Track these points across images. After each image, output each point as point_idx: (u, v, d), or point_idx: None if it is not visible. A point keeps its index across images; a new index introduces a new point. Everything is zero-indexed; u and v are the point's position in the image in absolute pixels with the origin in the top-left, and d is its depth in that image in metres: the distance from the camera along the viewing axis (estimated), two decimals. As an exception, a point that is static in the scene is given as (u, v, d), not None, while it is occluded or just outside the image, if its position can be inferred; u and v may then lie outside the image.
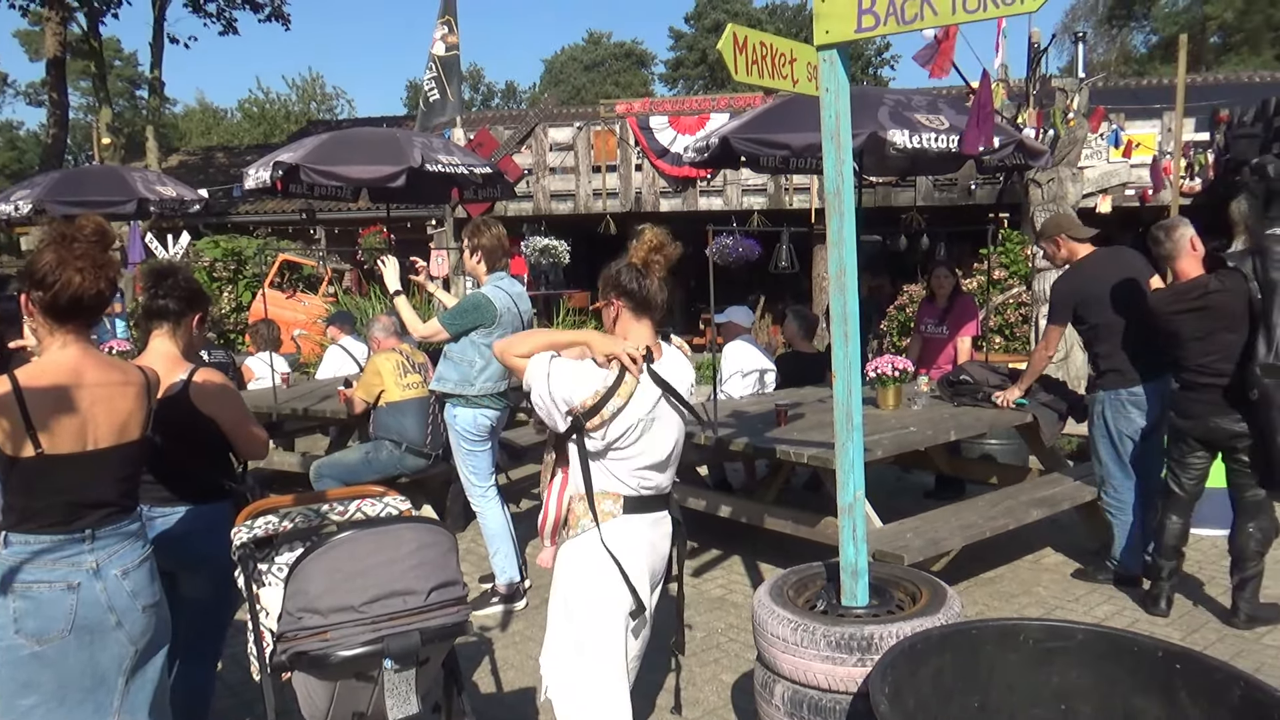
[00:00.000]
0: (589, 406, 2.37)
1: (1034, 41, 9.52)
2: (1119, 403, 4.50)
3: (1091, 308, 4.54)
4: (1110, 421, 4.53)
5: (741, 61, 2.65)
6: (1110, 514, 4.63)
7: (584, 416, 2.38)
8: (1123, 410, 4.49)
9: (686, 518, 5.32)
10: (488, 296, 4.39)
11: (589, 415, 2.37)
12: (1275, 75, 20.28)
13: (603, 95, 34.56)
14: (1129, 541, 4.57)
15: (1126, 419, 4.49)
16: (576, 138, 13.86)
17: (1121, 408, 4.49)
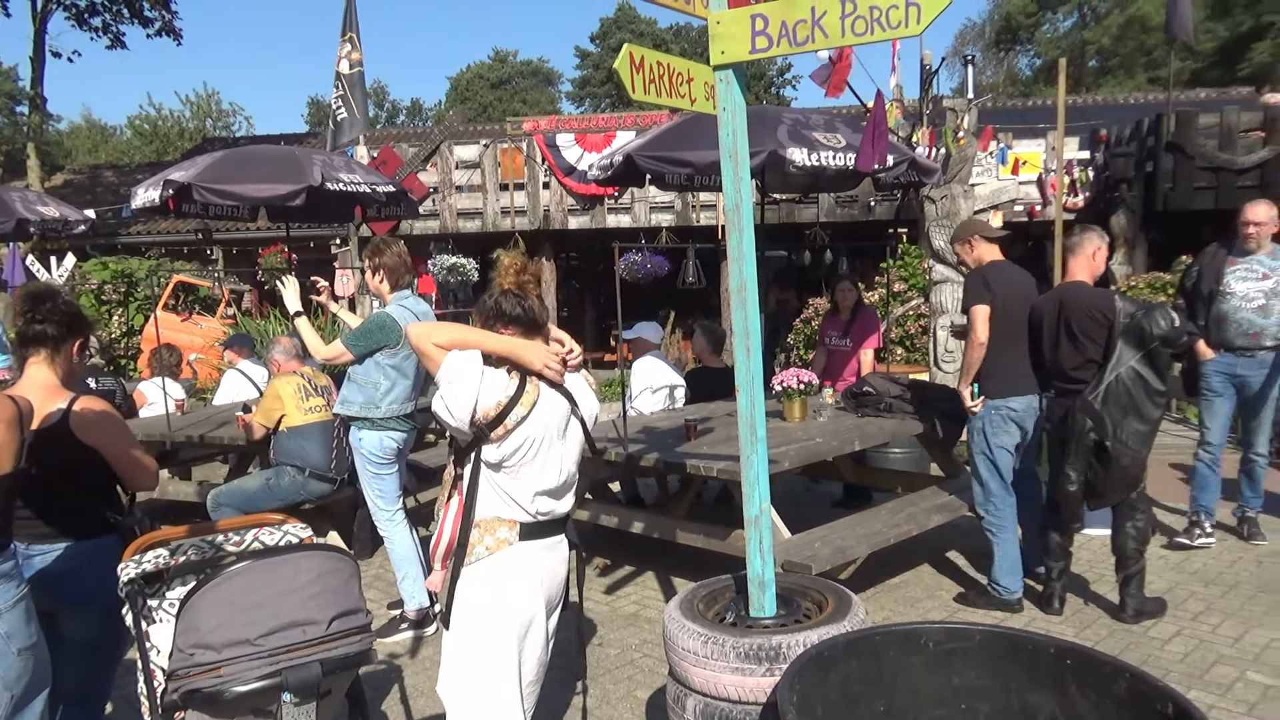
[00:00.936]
0: (492, 417, 2.34)
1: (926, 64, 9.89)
2: (998, 416, 4.47)
3: (996, 315, 4.48)
4: (989, 436, 4.50)
5: (639, 81, 2.68)
6: (991, 533, 4.56)
7: (488, 427, 2.35)
8: (1001, 424, 4.47)
9: (599, 534, 5.38)
10: (392, 316, 4.31)
11: (493, 425, 2.35)
12: (1149, 97, 21.51)
13: (510, 113, 34.46)
14: (1008, 562, 4.51)
15: (1004, 432, 4.47)
16: (483, 155, 13.76)
17: (1001, 422, 4.47)
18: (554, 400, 2.49)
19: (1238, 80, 26.86)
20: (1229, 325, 5.11)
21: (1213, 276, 5.16)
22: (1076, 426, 4.23)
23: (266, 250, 15.63)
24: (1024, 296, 4.52)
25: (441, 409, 2.34)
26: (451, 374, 2.35)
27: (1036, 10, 37.48)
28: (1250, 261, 5.09)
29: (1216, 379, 5.21)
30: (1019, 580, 4.52)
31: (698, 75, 2.97)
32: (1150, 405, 4.13)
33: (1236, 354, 5.13)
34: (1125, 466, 4.15)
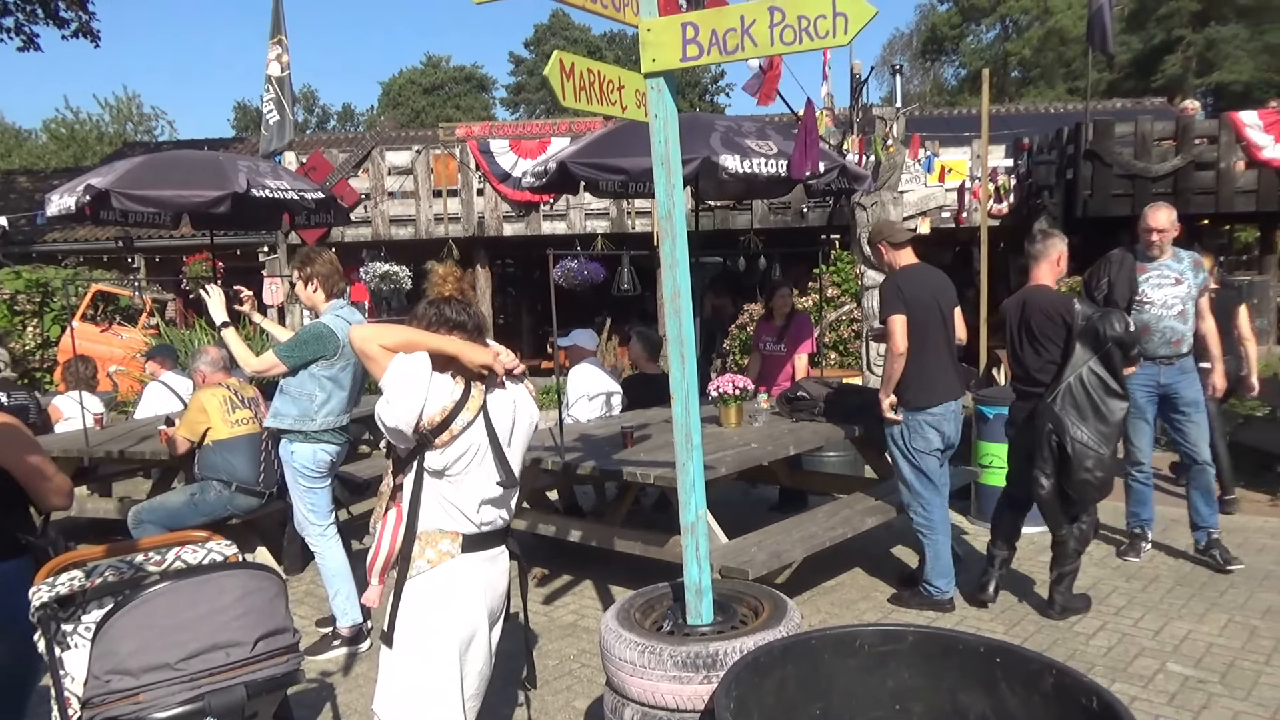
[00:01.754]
0: (436, 423, 2.31)
1: (855, 73, 10.08)
2: (915, 423, 4.47)
3: (911, 316, 4.47)
4: (907, 441, 4.51)
5: (569, 88, 2.66)
6: (921, 534, 4.58)
7: (432, 433, 2.31)
8: (919, 431, 4.47)
9: (537, 543, 5.33)
10: (328, 326, 4.21)
11: (437, 431, 2.31)
12: (1068, 106, 22.23)
13: (443, 119, 34.08)
14: (940, 563, 4.54)
15: (923, 439, 4.48)
16: (416, 161, 13.59)
17: (919, 428, 4.47)
18: (499, 406, 2.46)
19: (1151, 91, 27.92)
20: (1152, 335, 4.94)
21: (1127, 286, 4.98)
22: (1040, 429, 4.29)
23: (191, 258, 15.22)
24: (934, 300, 4.48)
25: (386, 413, 2.29)
26: (398, 377, 2.30)
27: (961, 22, 38.51)
28: (1160, 267, 4.98)
29: (1141, 393, 4.98)
30: (950, 581, 4.57)
31: (629, 83, 2.97)
32: (1110, 406, 4.19)
33: (1158, 363, 4.97)
34: (1089, 469, 4.16)
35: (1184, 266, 4.99)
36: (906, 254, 4.63)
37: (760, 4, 2.68)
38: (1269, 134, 12.05)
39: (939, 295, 4.51)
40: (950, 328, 4.56)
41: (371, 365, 2.36)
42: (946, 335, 4.52)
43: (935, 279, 4.59)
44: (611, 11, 2.85)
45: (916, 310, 4.42)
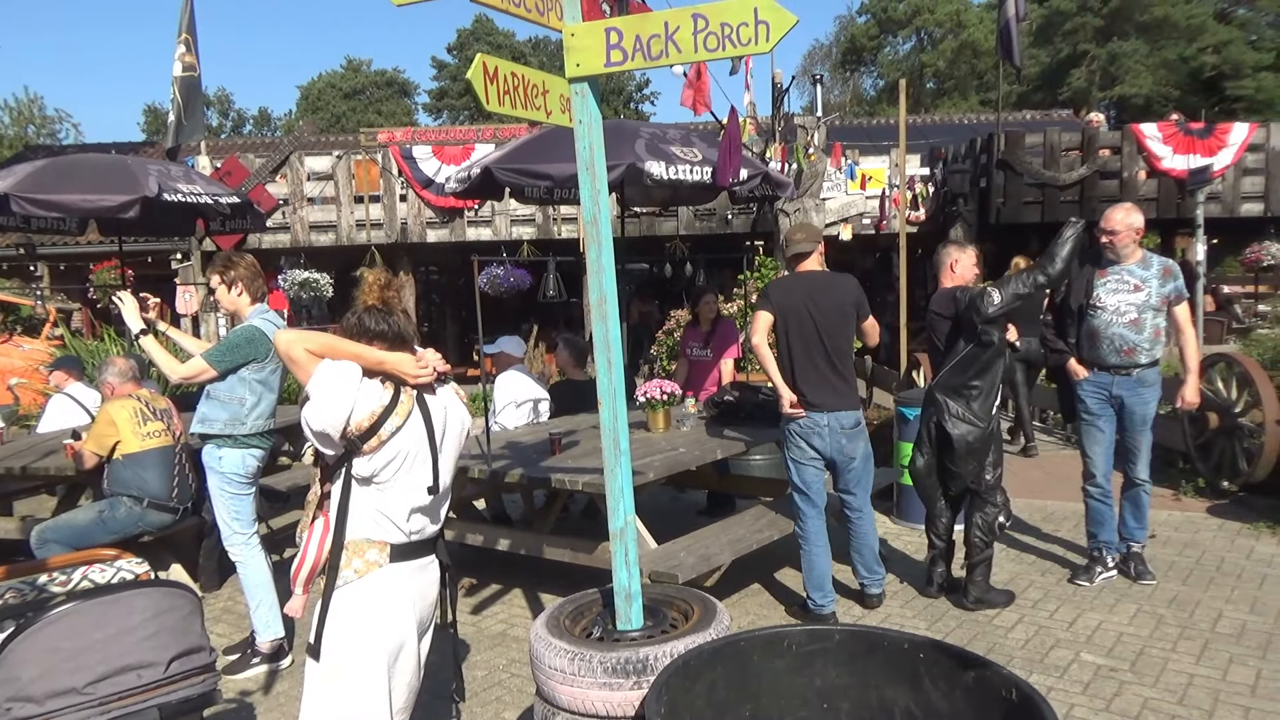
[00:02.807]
0: (365, 428, 2.26)
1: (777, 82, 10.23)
2: (789, 431, 4.41)
3: (781, 321, 4.40)
4: (785, 450, 4.47)
5: (493, 92, 2.64)
6: (800, 545, 4.50)
7: (360, 439, 2.26)
8: (790, 439, 4.41)
9: (465, 553, 5.26)
10: (259, 329, 4.17)
11: (366, 436, 2.26)
12: (981, 117, 22.95)
13: (364, 124, 33.51)
14: (813, 576, 4.43)
15: (796, 448, 4.41)
16: (336, 167, 13.32)
17: (790, 436, 4.41)
18: (429, 411, 2.43)
19: (1059, 103, 29.04)
20: (1101, 342, 4.68)
21: (1082, 289, 4.72)
22: (924, 415, 4.55)
23: (99, 266, 14.64)
24: (806, 310, 4.32)
25: (313, 418, 2.24)
26: (325, 381, 2.25)
27: (879, 34, 39.47)
28: (1120, 272, 4.65)
29: (1093, 400, 4.76)
30: (826, 594, 4.43)
31: (553, 88, 2.96)
32: (990, 382, 4.41)
33: (1111, 372, 4.69)
34: (970, 444, 4.40)
35: (1149, 274, 4.63)
36: (810, 262, 4.50)
37: (684, 11, 2.70)
38: (1168, 145, 12.65)
39: (815, 305, 4.33)
40: (828, 340, 4.33)
41: (297, 370, 2.32)
42: (823, 347, 4.32)
43: (818, 293, 4.37)
44: (535, 16, 2.84)
45: (787, 317, 4.35)
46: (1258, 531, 5.63)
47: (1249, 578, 4.86)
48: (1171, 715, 3.44)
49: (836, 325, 4.37)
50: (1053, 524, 5.97)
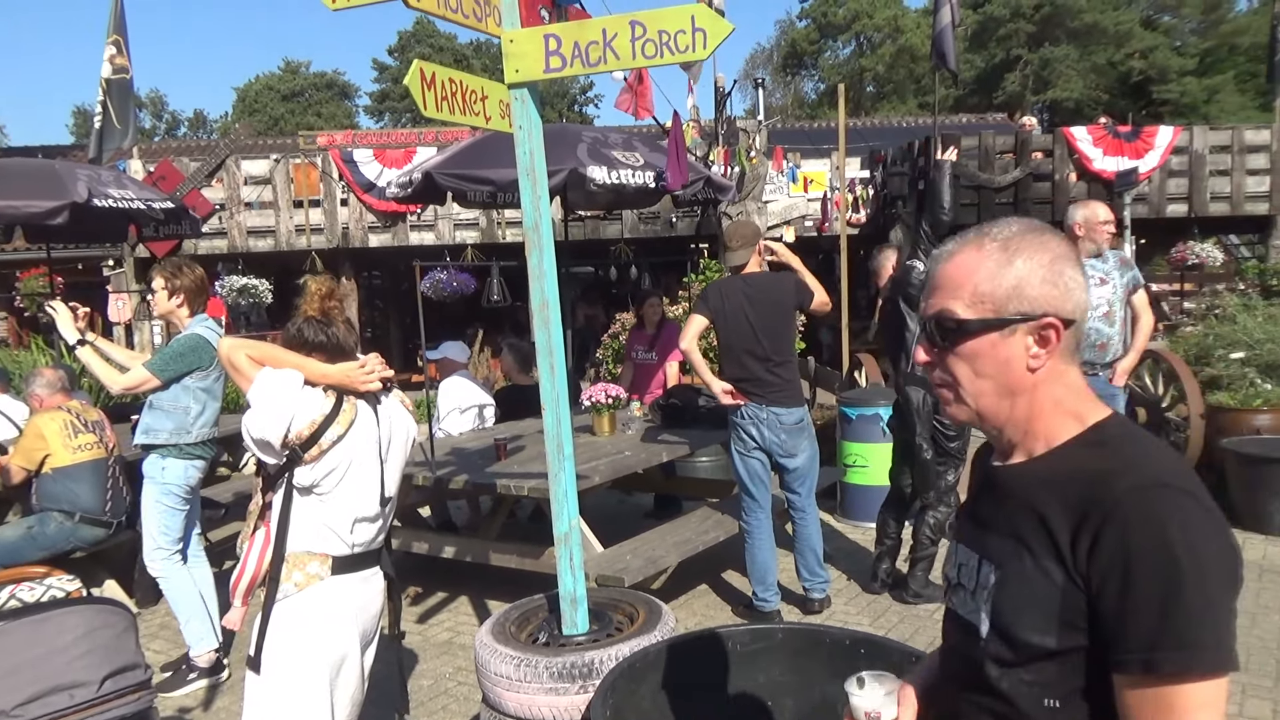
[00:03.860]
0: (305, 437, 2.24)
1: (719, 86, 10.31)
2: (733, 424, 4.45)
3: (720, 318, 4.44)
4: (732, 444, 4.49)
5: (430, 98, 2.63)
6: (745, 540, 4.54)
7: (301, 448, 2.24)
8: (735, 432, 4.45)
9: (410, 561, 5.22)
10: (203, 337, 4.10)
11: (307, 445, 2.24)
12: (919, 120, 23.38)
13: (303, 126, 33.00)
14: (756, 571, 4.48)
15: (740, 440, 4.44)
16: (274, 171, 13.08)
17: (734, 429, 4.45)
18: (373, 420, 2.41)
19: (993, 107, 29.72)
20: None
21: None
22: (911, 401, 4.52)
23: (26, 273, 14.18)
24: (741, 310, 4.39)
25: (253, 426, 2.21)
26: (265, 389, 2.23)
27: (819, 38, 39.98)
28: (1085, 267, 4.89)
29: None
30: (769, 589, 4.47)
31: (492, 93, 2.96)
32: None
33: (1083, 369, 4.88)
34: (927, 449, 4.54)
35: (1109, 266, 4.72)
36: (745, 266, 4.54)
37: (622, 18, 2.73)
38: (1098, 147, 13.02)
39: (752, 306, 4.39)
40: (766, 340, 4.38)
41: (238, 377, 2.30)
42: (761, 347, 4.37)
43: (757, 291, 4.44)
44: (473, 21, 2.84)
45: (724, 319, 4.40)
46: (1184, 522, 5.82)
47: (1176, 567, 5.03)
48: (1103, 702, 3.55)
49: (775, 325, 4.42)
50: (991, 519, 6.12)
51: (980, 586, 1.23)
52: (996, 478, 1.29)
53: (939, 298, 1.26)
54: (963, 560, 1.31)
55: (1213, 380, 6.50)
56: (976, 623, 1.22)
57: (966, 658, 1.24)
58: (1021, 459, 1.26)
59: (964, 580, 1.29)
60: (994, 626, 1.19)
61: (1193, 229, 13.47)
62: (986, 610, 1.21)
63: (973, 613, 1.24)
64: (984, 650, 1.20)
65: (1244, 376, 6.37)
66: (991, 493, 1.30)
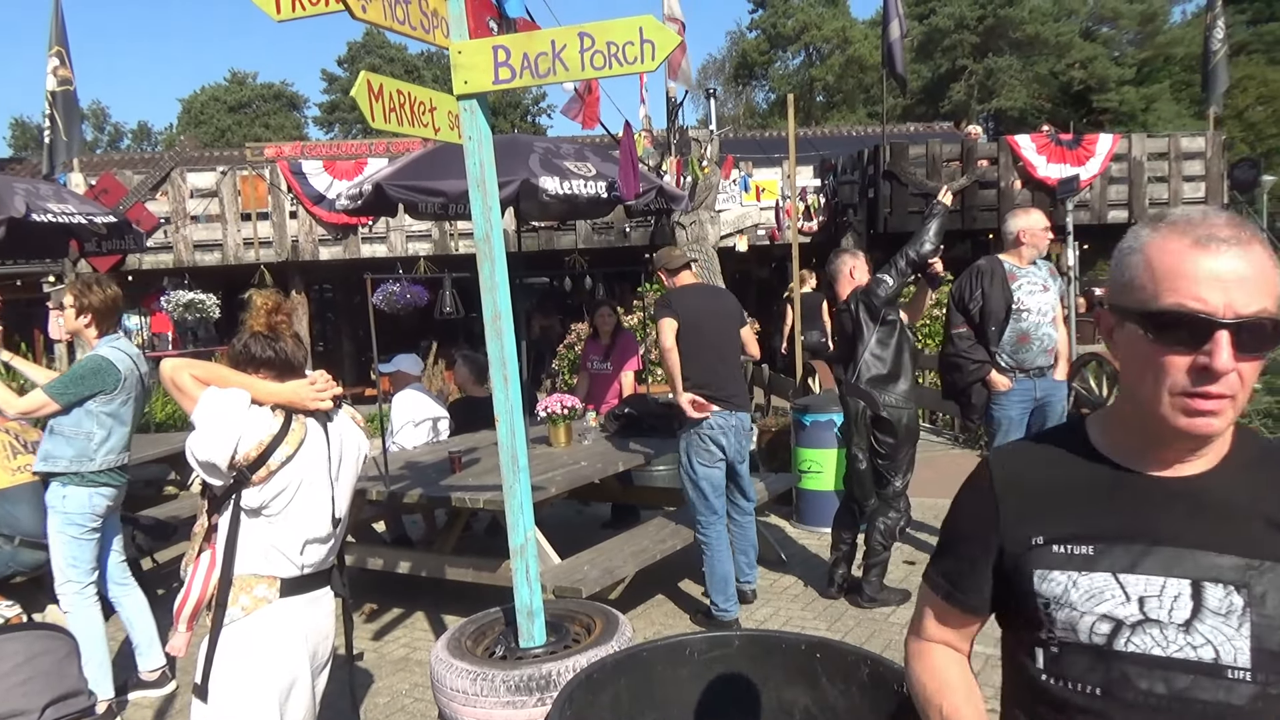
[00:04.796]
0: (253, 458, 2.20)
1: (671, 96, 10.36)
2: (696, 437, 4.44)
3: (686, 330, 4.46)
4: (691, 457, 4.47)
5: (378, 109, 2.62)
6: (704, 552, 4.53)
7: (249, 469, 2.19)
8: (700, 444, 4.44)
9: (365, 578, 5.15)
10: (108, 359, 3.88)
11: (254, 466, 2.20)
12: (868, 130, 23.72)
13: (250, 138, 32.51)
14: (716, 580, 4.49)
15: (707, 451, 4.45)
16: (221, 183, 12.87)
17: (700, 441, 4.44)
18: (323, 438, 2.37)
19: (940, 115, 30.30)
20: (1031, 344, 4.75)
21: (1001, 295, 4.75)
22: (850, 410, 4.66)
23: (-38, 291, 13.76)
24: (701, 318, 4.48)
25: (198, 448, 2.16)
26: (211, 409, 2.18)
27: (769, 49, 40.41)
28: (1028, 274, 4.79)
29: (1018, 408, 4.80)
30: (730, 599, 4.50)
31: (441, 104, 2.95)
32: (903, 362, 4.59)
33: (1032, 375, 4.79)
34: (907, 425, 4.60)
35: (1045, 274, 4.88)
36: (684, 277, 4.70)
37: (570, 30, 2.74)
38: (1041, 155, 13.33)
39: (709, 314, 4.53)
40: (723, 345, 4.53)
41: (182, 398, 2.23)
42: (719, 352, 4.49)
43: (708, 300, 4.62)
44: (420, 33, 2.83)
45: (689, 323, 4.46)
46: (1130, 520, 5.97)
47: (1123, 564, 5.14)
48: (1055, 699, 3.61)
49: (729, 332, 4.60)
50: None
51: (1216, 613, 1.07)
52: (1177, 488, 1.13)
53: (1253, 298, 1.06)
54: (1149, 592, 1.11)
55: (1154, 381, 6.67)
56: (1224, 656, 1.07)
57: (1205, 704, 1.07)
58: (1204, 467, 1.14)
59: (1162, 614, 1.10)
60: (1261, 651, 1.05)
61: (1133, 234, 13.82)
62: (1245, 636, 1.06)
63: (1208, 645, 1.07)
64: (1248, 682, 1.06)
65: (1184, 377, 6.54)
66: (1171, 507, 1.13)
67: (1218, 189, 13.95)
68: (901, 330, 4.64)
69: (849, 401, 4.68)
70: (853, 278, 4.81)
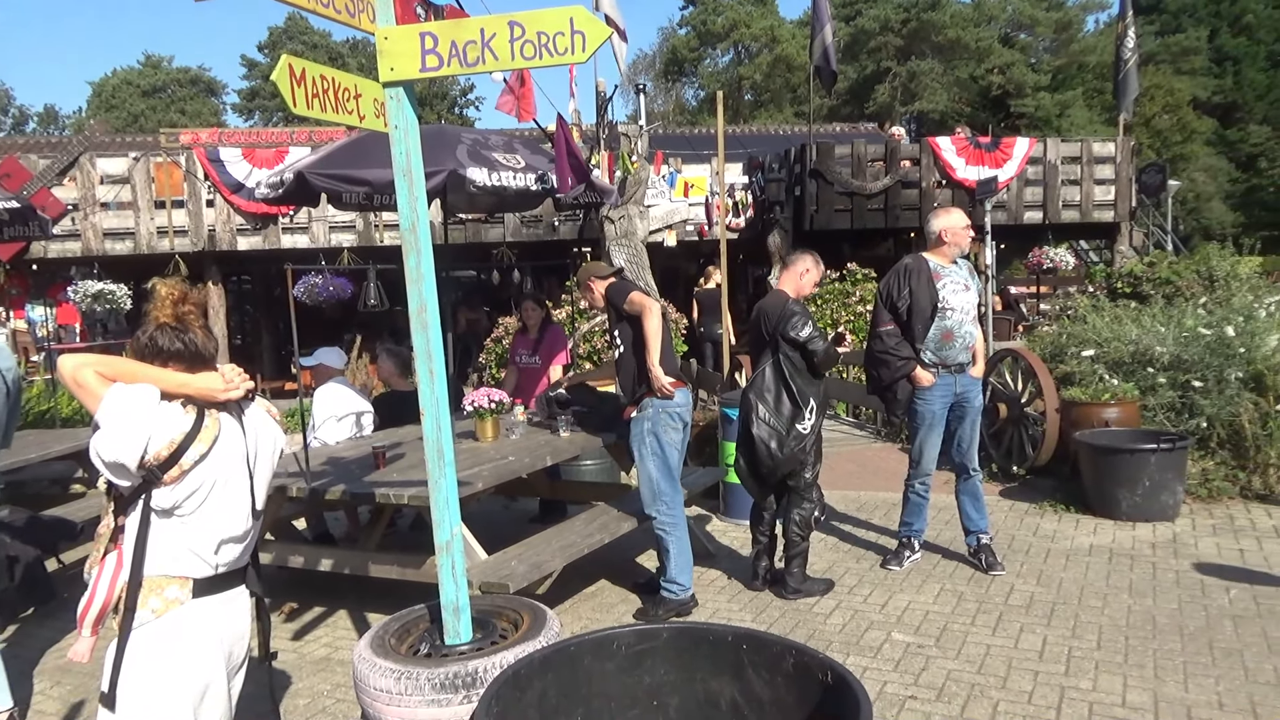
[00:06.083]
0: (164, 457, 2.11)
1: (601, 90, 10.34)
2: (666, 415, 4.53)
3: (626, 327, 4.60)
4: (659, 434, 4.53)
5: (300, 94, 2.54)
6: (664, 533, 4.57)
7: (160, 469, 2.11)
8: (670, 422, 4.54)
9: (284, 577, 5.02)
10: None
11: (166, 466, 2.11)
12: (795, 129, 24.05)
13: (165, 124, 31.34)
14: (684, 558, 4.55)
15: (673, 429, 4.56)
16: (134, 169, 12.40)
17: (670, 419, 4.54)
18: (238, 434, 2.29)
19: (865, 116, 30.88)
20: (954, 341, 4.88)
21: (927, 294, 4.83)
22: (741, 409, 4.78)
23: None
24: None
25: (104, 448, 2.06)
26: (117, 407, 2.08)
27: (699, 46, 40.60)
28: (950, 273, 4.92)
29: (940, 403, 4.94)
30: (690, 577, 4.61)
31: (366, 91, 2.88)
32: (785, 398, 4.64)
33: (953, 371, 4.93)
34: (770, 449, 4.61)
35: (965, 274, 5.00)
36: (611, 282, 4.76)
37: (500, 18, 2.70)
38: (961, 157, 13.70)
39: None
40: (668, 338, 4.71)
41: (85, 396, 2.12)
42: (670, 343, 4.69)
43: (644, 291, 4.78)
44: (345, 17, 2.76)
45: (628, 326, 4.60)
46: (1042, 510, 6.18)
47: (1035, 553, 5.33)
48: (972, 684, 3.72)
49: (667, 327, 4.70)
50: (866, 513, 6.33)
51: None
52: None
53: None
54: None
55: (1066, 376, 6.92)
56: None
57: None
58: None
59: None
60: None
61: (1047, 235, 14.33)
62: None
63: None
64: None
65: (1094, 373, 6.80)
66: None
67: (1127, 193, 14.52)
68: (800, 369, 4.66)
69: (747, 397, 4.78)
70: (801, 280, 4.85)
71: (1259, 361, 6.28)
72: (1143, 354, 6.82)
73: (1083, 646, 4.02)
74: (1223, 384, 6.27)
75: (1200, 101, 33.80)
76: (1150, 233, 17.81)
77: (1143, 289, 9.48)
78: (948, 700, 3.60)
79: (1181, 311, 7.48)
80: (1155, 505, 5.74)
